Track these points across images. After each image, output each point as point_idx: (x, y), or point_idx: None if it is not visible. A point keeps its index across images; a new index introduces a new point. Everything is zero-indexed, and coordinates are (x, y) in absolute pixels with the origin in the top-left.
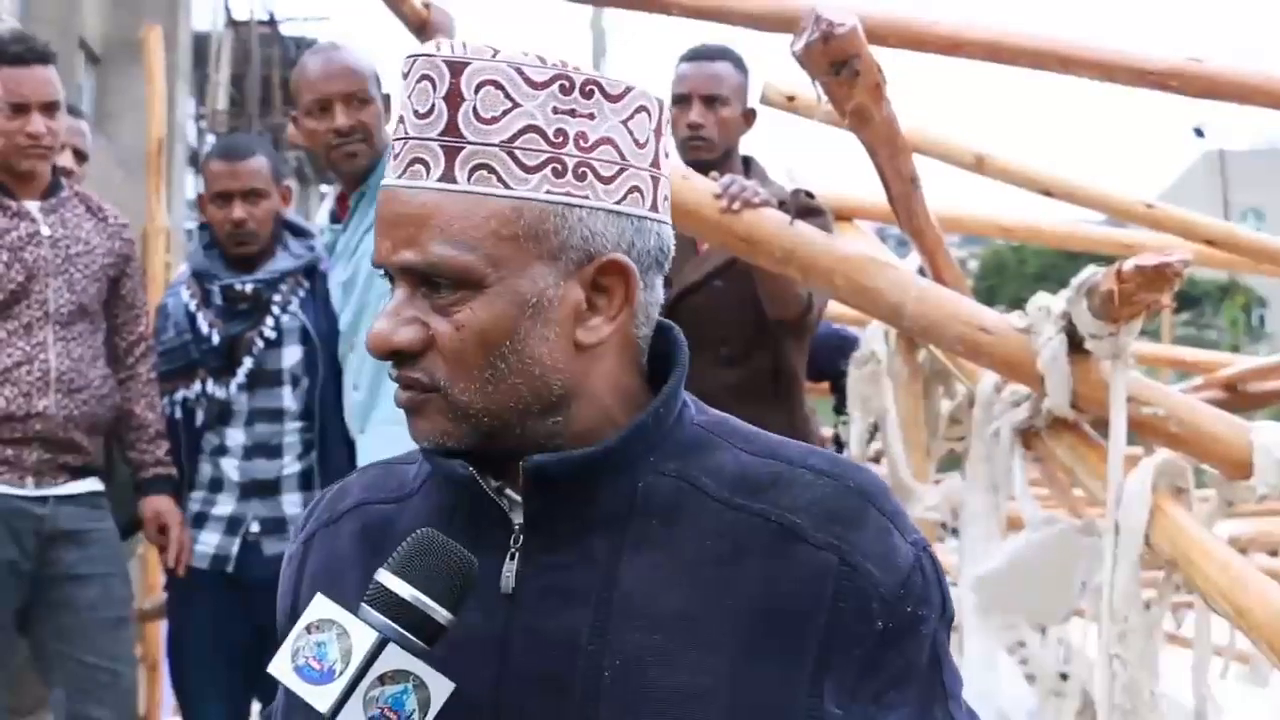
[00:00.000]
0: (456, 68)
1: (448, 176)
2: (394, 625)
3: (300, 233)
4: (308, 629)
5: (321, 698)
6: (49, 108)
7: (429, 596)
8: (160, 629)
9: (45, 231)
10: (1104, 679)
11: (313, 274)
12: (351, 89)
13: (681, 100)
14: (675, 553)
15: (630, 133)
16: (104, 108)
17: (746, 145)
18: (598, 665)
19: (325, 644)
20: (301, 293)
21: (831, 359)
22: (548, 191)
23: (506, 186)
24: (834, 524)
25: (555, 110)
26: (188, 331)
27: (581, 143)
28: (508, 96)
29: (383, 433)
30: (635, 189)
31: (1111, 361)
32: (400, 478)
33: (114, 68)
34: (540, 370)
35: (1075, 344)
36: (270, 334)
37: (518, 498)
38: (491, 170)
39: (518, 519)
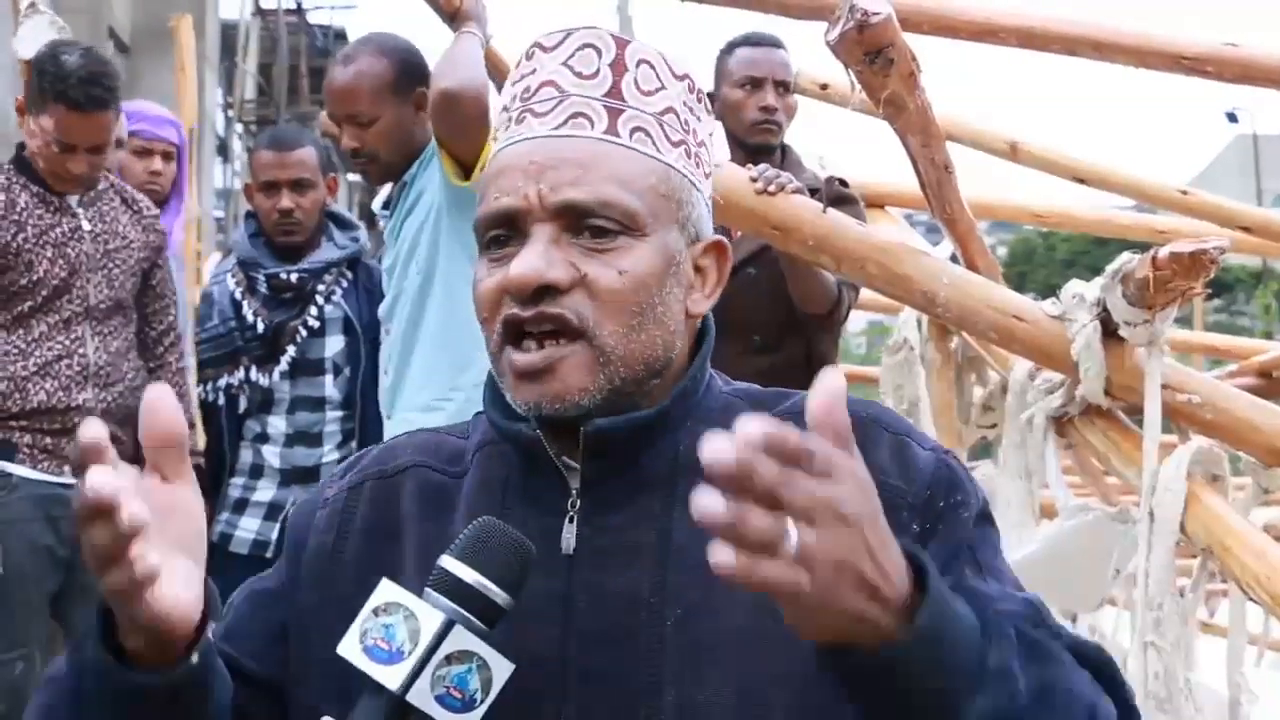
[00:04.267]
0: (621, 43)
1: (612, 131)
2: (458, 608)
3: (345, 224)
4: (375, 612)
5: (392, 676)
6: (97, 149)
7: (491, 580)
8: None
9: (86, 227)
10: (1138, 666)
11: (356, 265)
12: (353, 110)
13: (754, 83)
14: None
15: (713, 145)
16: (133, 97)
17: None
18: (660, 616)
19: (393, 626)
20: (345, 283)
21: None
22: (684, 167)
23: (659, 151)
24: None
25: (685, 103)
26: (232, 319)
27: (697, 137)
28: (659, 78)
29: (406, 420)
30: (713, 194)
31: (1146, 348)
32: (454, 449)
33: (143, 57)
34: (672, 326)
35: (1109, 331)
36: (313, 323)
37: (573, 463)
38: (648, 134)
39: (574, 484)
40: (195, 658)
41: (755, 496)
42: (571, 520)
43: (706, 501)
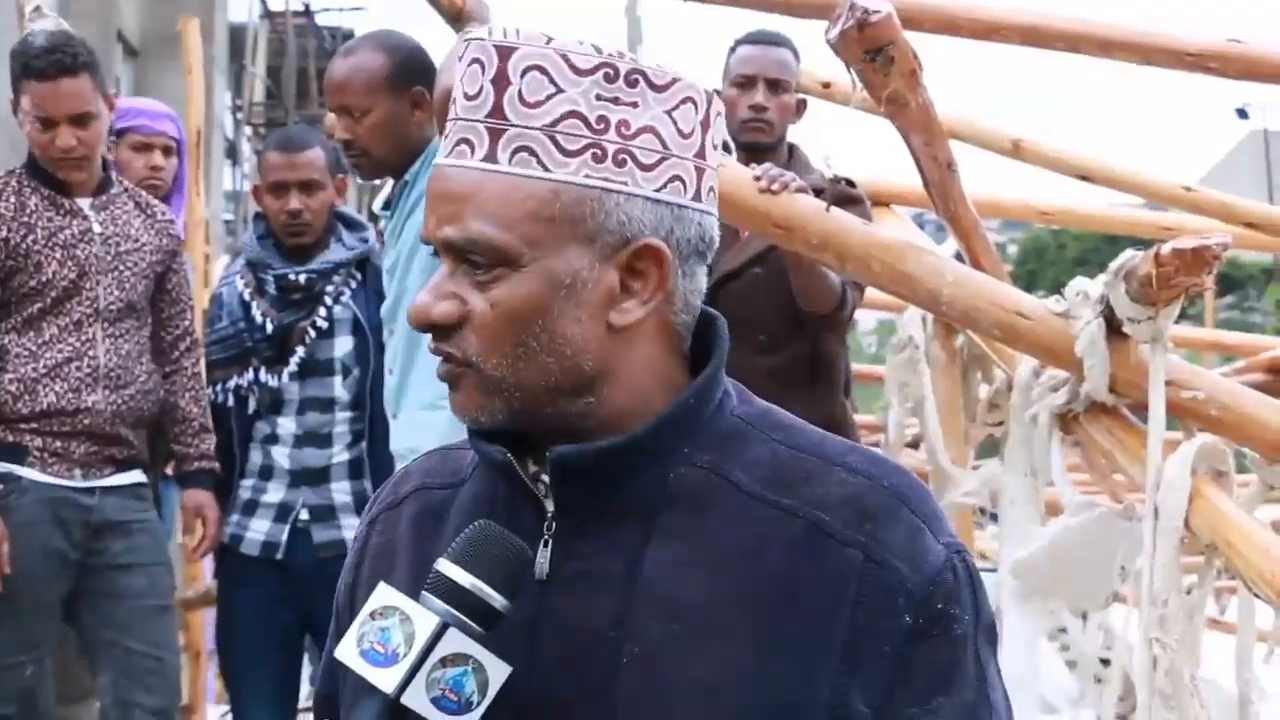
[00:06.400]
0: (504, 52)
1: (490, 157)
2: (454, 611)
3: (353, 225)
4: (371, 615)
5: (386, 679)
6: (78, 119)
7: (486, 584)
8: (203, 617)
9: (97, 229)
10: (1144, 664)
11: (364, 265)
12: (345, 102)
13: (746, 82)
14: (701, 544)
15: (674, 123)
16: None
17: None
18: (617, 653)
19: (389, 629)
20: (353, 284)
21: None
22: (586, 176)
23: (545, 169)
24: (863, 522)
25: (598, 97)
26: (242, 320)
27: (623, 130)
28: (552, 82)
29: (412, 418)
30: (677, 178)
31: (1150, 345)
32: (457, 463)
33: (151, 61)
34: (571, 350)
35: (1114, 328)
36: (322, 324)
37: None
38: (532, 153)
39: (551, 506)
40: None
41: None
42: (546, 544)
43: None
